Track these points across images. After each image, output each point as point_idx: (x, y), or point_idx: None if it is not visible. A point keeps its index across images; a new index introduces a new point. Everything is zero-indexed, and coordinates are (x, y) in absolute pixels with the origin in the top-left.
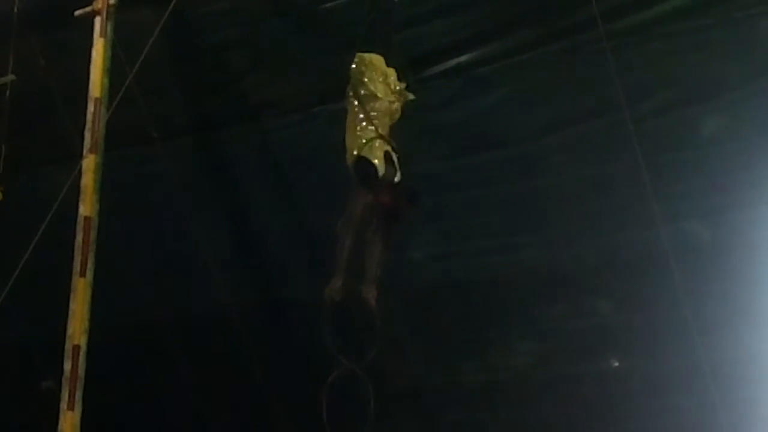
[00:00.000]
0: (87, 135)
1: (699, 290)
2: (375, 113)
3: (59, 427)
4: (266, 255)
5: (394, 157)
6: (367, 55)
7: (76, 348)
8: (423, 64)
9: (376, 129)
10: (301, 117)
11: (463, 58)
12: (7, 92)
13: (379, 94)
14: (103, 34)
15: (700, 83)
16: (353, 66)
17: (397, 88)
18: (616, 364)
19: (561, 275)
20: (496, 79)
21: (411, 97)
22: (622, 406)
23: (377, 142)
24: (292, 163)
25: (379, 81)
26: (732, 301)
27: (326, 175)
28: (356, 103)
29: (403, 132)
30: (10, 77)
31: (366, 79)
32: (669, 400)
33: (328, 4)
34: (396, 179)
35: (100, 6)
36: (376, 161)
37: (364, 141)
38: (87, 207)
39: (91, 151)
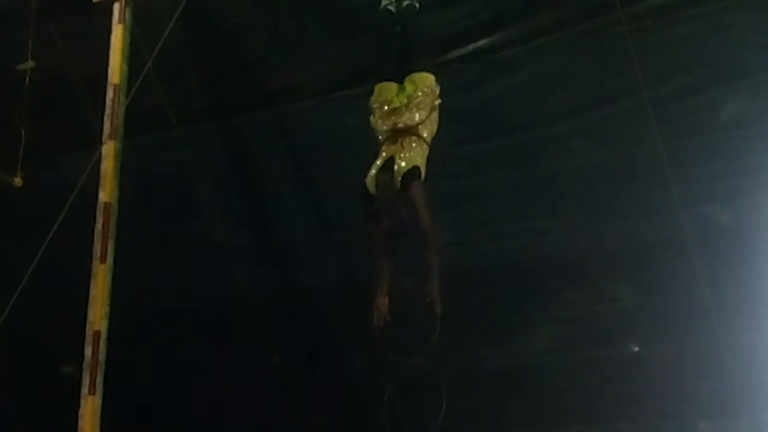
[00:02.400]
0: (106, 121)
1: (718, 274)
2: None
3: (80, 412)
4: (284, 240)
5: (397, 164)
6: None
7: (97, 333)
8: (441, 49)
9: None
10: (319, 102)
11: (481, 43)
12: (27, 79)
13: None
14: (121, 20)
15: (720, 67)
16: None
17: (392, 106)
18: (636, 348)
19: (580, 260)
20: (514, 64)
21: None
22: (641, 390)
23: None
24: (309, 148)
25: (376, 109)
26: (751, 285)
27: (344, 160)
28: None
29: None
30: (30, 64)
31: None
32: (688, 385)
33: None
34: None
35: None
36: (367, 183)
37: None
38: (107, 193)
39: (110, 137)
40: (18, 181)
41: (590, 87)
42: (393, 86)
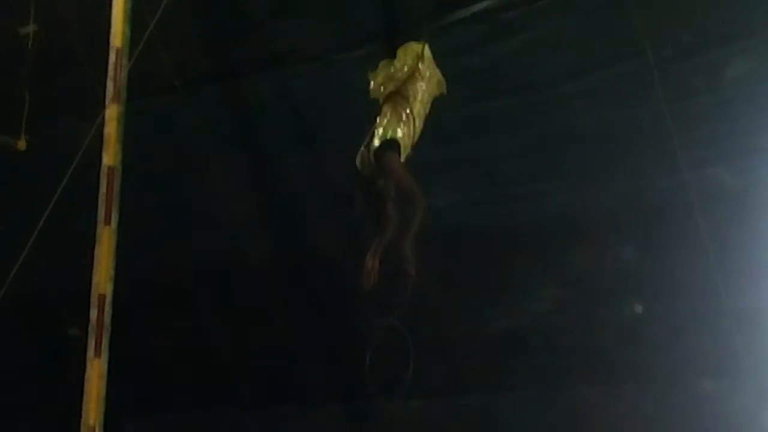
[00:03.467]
0: (109, 84)
1: (723, 235)
2: None
3: (86, 374)
4: (288, 204)
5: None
6: None
7: (102, 297)
8: (446, 10)
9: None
10: (322, 64)
11: (484, 4)
12: (29, 42)
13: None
14: None
15: (725, 27)
16: None
17: (378, 82)
18: (640, 309)
19: (584, 221)
20: (519, 25)
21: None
22: (645, 350)
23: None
24: (313, 111)
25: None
26: (756, 246)
27: (348, 123)
28: None
29: None
30: (32, 27)
31: None
32: (692, 346)
33: None
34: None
35: None
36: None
37: None
38: (110, 156)
39: (113, 100)
40: (22, 144)
41: (594, 48)
42: (386, 62)
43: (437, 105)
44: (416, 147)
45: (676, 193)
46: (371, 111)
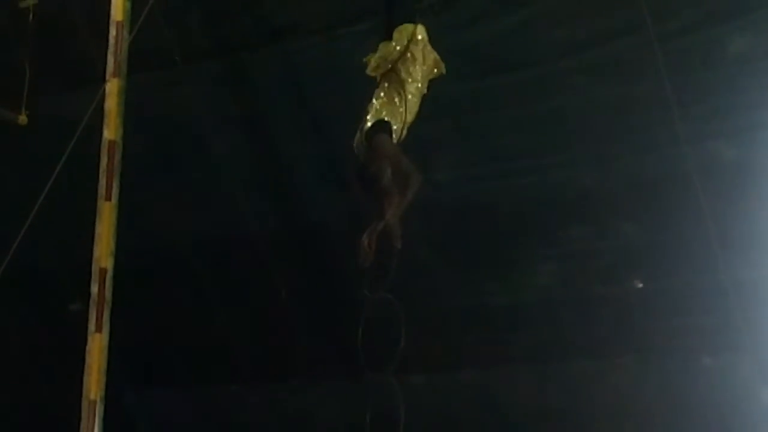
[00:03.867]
0: (110, 58)
1: (723, 210)
2: None
3: (87, 348)
4: (289, 178)
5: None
6: None
7: (103, 271)
8: None
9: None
10: (324, 39)
11: None
12: (31, 15)
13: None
14: None
15: (726, 2)
16: None
17: (372, 66)
18: (640, 284)
19: (584, 196)
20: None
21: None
22: (645, 325)
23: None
24: (315, 85)
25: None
26: (756, 221)
27: (350, 98)
28: None
29: None
30: (33, 0)
31: None
32: (692, 320)
33: None
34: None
35: None
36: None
37: None
38: (111, 131)
39: (114, 74)
40: (23, 119)
41: (596, 22)
42: (384, 43)
43: (438, 80)
44: (412, 126)
45: (676, 167)
46: (373, 86)
